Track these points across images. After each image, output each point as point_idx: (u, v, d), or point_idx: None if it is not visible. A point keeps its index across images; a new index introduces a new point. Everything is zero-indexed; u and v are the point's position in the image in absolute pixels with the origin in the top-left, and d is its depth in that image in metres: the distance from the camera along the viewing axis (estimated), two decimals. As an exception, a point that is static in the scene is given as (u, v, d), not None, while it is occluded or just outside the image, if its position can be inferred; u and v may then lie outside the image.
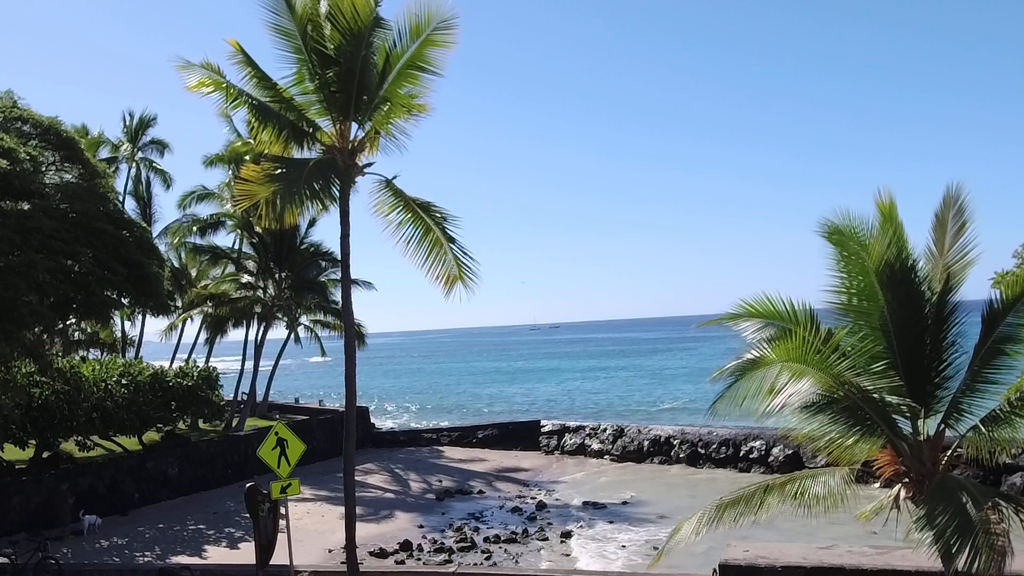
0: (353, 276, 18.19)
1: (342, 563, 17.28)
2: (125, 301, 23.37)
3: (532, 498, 27.91)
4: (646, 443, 34.46)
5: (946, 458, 9.10)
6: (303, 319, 40.46)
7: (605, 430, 36.57)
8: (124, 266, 20.99)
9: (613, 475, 32.26)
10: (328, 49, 14.76)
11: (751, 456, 30.87)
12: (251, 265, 38.67)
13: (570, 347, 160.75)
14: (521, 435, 39.28)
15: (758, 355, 8.94)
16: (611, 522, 24.15)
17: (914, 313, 9.01)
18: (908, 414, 8.94)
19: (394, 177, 15.48)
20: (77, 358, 31.42)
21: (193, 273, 42.39)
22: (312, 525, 24.29)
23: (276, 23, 14.71)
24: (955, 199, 9.23)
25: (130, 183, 44.71)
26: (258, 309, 37.63)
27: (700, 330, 11.09)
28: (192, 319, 40.66)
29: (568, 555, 20.88)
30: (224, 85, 14.92)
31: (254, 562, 14.95)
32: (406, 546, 21.65)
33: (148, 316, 35.44)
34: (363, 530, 20.17)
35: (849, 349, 8.98)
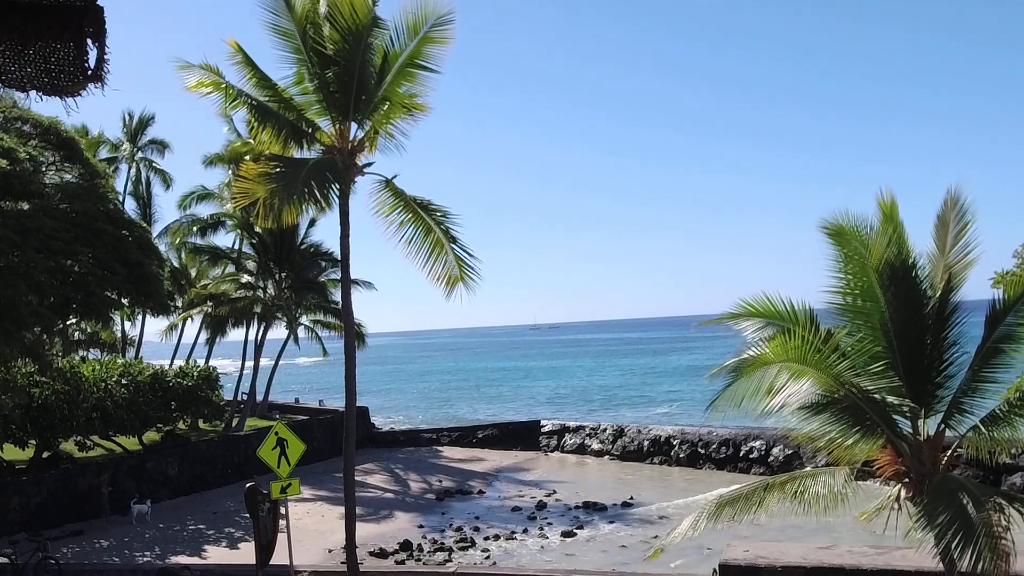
0: (353, 276, 18.21)
1: (342, 563, 17.28)
2: (125, 301, 23.38)
3: (532, 498, 27.91)
4: (646, 443, 34.48)
5: (946, 458, 9.10)
6: (303, 319, 40.48)
7: (605, 430, 36.59)
8: (124, 266, 21.00)
9: (613, 475, 32.27)
10: (327, 49, 14.77)
11: (751, 456, 30.87)
12: (251, 265, 38.67)
13: (571, 347, 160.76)
14: (521, 435, 39.29)
15: (757, 354, 8.94)
16: (611, 522, 24.15)
17: (914, 313, 9.01)
18: (908, 414, 8.94)
19: (394, 177, 15.49)
20: (77, 358, 31.42)
21: (193, 273, 42.40)
22: (312, 525, 24.30)
23: (275, 23, 14.73)
24: (956, 200, 9.24)
25: (130, 183, 44.77)
26: (258, 309, 37.62)
27: (706, 330, 11.08)
28: (192, 319, 40.68)
29: (568, 555, 20.87)
30: (223, 86, 14.94)
31: (254, 562, 14.95)
32: (406, 546, 21.66)
33: (148, 316, 35.50)
34: (363, 530, 20.18)
35: (849, 349, 8.98)
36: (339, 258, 16.59)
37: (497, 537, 22.77)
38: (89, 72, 3.34)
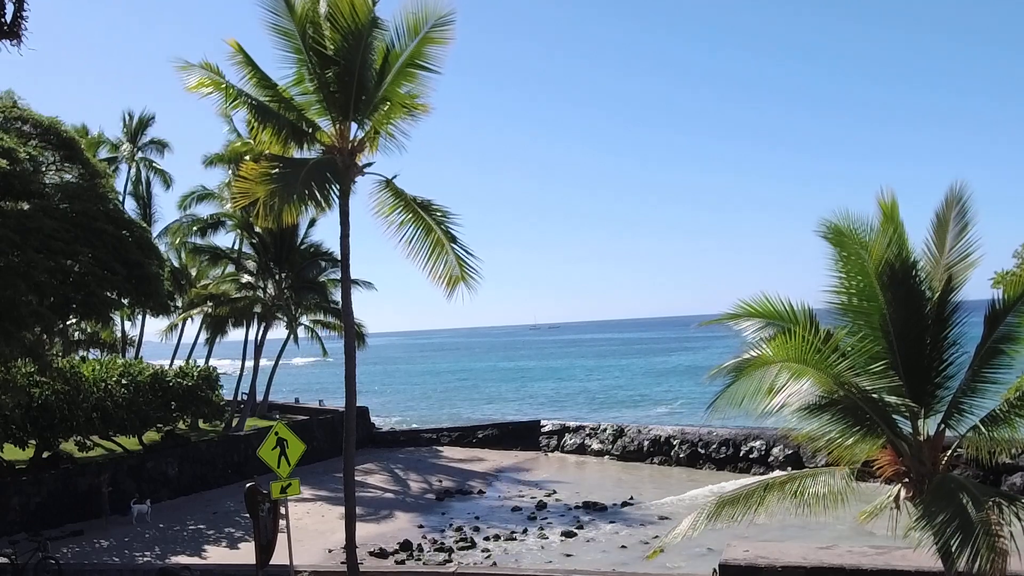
0: (353, 276, 18.19)
1: (342, 563, 17.29)
2: (125, 301, 23.38)
3: (532, 498, 27.92)
4: (646, 443, 34.49)
5: (946, 458, 9.09)
6: (303, 319, 40.50)
7: (605, 430, 36.60)
8: (124, 266, 20.98)
9: (613, 475, 32.27)
10: (327, 49, 14.76)
11: (751, 456, 30.88)
12: (251, 265, 38.68)
13: (571, 347, 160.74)
14: (521, 435, 39.31)
15: (757, 354, 8.94)
16: (611, 522, 24.15)
17: (914, 313, 9.00)
18: (908, 414, 8.94)
19: (394, 177, 15.48)
20: (77, 358, 31.42)
21: (193, 273, 42.41)
22: (312, 525, 24.31)
23: (276, 23, 14.71)
24: (958, 199, 9.20)
25: (130, 183, 44.76)
26: (258, 309, 37.63)
27: (706, 330, 11.07)
28: (192, 319, 40.70)
29: (568, 555, 20.87)
30: (223, 86, 14.93)
31: (254, 562, 14.96)
32: (406, 546, 21.67)
33: (148, 316, 35.50)
34: (363, 530, 20.18)
35: (849, 349, 8.96)
36: (339, 258, 16.58)
37: (497, 537, 22.77)
38: (4, 27, 3.27)
